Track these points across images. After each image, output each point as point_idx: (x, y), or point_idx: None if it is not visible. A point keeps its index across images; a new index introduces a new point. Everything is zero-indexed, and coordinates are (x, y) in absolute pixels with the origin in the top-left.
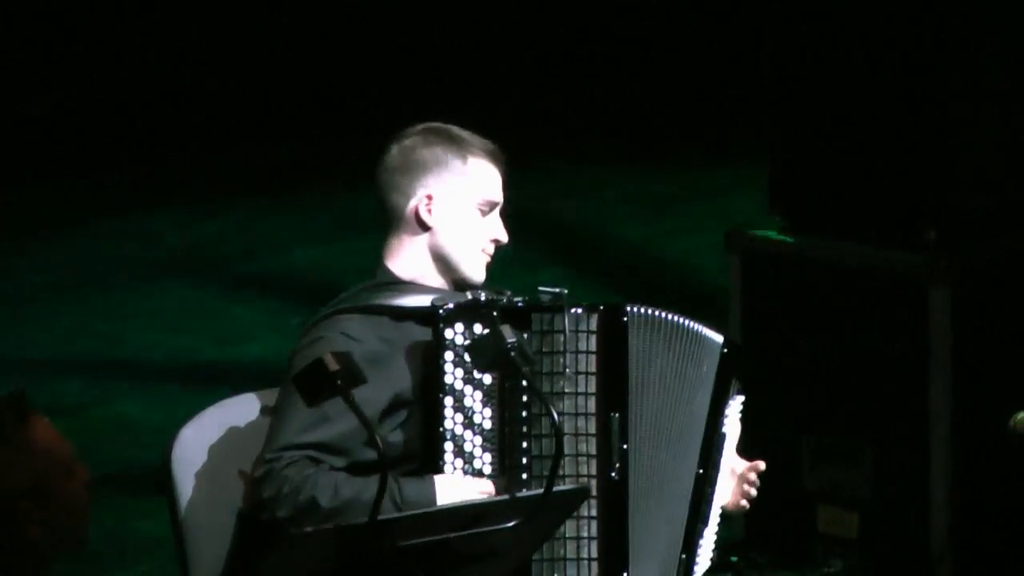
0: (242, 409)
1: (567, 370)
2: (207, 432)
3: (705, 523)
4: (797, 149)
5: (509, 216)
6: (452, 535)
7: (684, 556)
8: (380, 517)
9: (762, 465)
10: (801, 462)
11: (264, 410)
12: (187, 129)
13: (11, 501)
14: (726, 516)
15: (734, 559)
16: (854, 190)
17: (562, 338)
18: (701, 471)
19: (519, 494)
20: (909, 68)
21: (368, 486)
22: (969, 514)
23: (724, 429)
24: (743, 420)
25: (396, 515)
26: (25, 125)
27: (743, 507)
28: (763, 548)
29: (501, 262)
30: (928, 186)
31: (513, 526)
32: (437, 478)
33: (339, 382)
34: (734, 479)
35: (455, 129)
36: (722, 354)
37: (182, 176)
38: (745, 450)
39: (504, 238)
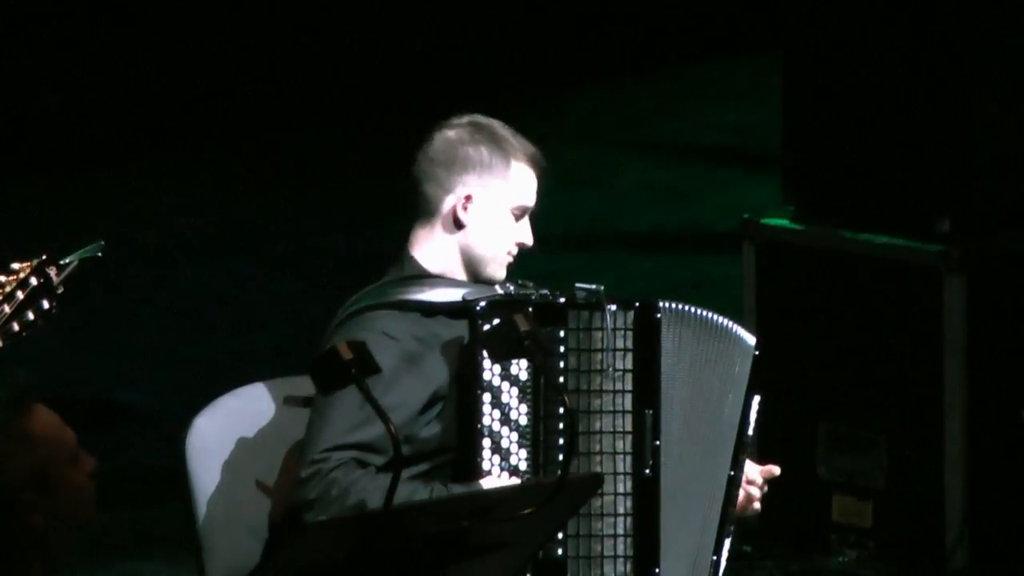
0: (257, 397)
1: (609, 368)
2: (222, 421)
3: (732, 524)
4: (811, 138)
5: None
6: (467, 523)
7: (715, 558)
8: (395, 505)
9: (776, 470)
10: (815, 451)
11: (279, 398)
12: (202, 117)
13: (13, 492)
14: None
15: (748, 548)
16: (869, 179)
17: (600, 335)
18: (732, 473)
19: (533, 481)
20: (925, 57)
21: (417, 490)
22: (983, 504)
23: (750, 431)
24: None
25: (411, 503)
26: (42, 114)
27: (755, 510)
28: (777, 537)
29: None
30: (943, 175)
31: (528, 513)
32: (484, 480)
33: (353, 371)
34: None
35: (500, 128)
36: (754, 356)
37: (197, 164)
38: (759, 440)
39: (530, 241)
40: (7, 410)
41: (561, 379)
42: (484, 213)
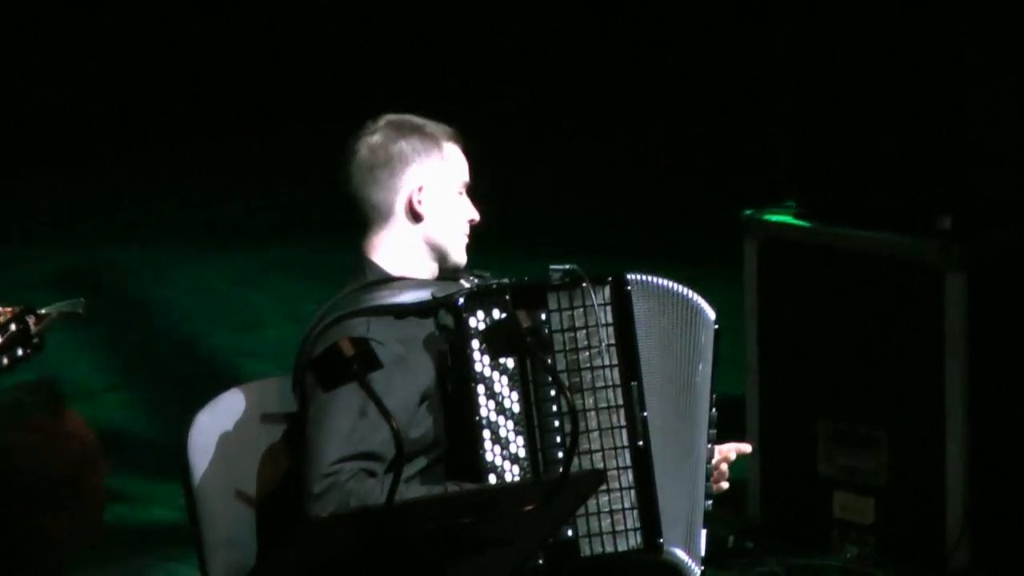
0: (257, 394)
1: (602, 344)
2: (223, 417)
3: (711, 498)
4: (813, 135)
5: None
6: (469, 520)
7: (704, 530)
8: (396, 502)
9: (747, 448)
10: (817, 448)
11: (281, 396)
12: (208, 114)
13: (43, 492)
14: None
15: (750, 545)
16: (870, 176)
17: (582, 312)
18: (710, 445)
19: (536, 479)
20: (927, 54)
21: (431, 492)
22: (984, 500)
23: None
24: (759, 406)
25: (414, 499)
26: (45, 109)
27: (721, 488)
28: (779, 534)
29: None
30: (944, 173)
31: (531, 510)
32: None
33: (355, 367)
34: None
35: (415, 118)
36: (715, 330)
37: (200, 162)
38: (761, 435)
39: (477, 217)
40: (44, 410)
41: (548, 360)
42: (437, 198)
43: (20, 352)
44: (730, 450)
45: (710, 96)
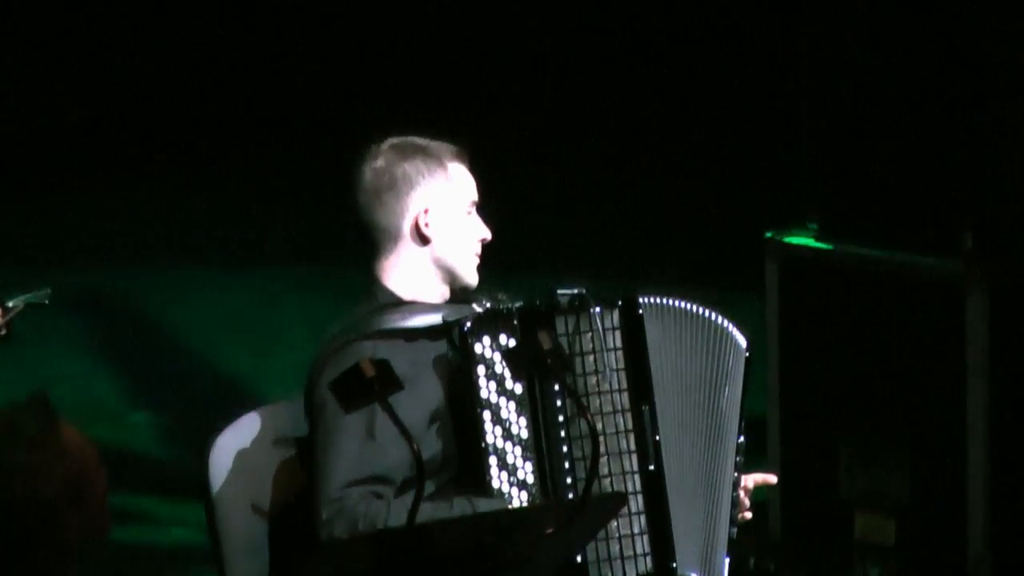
0: (279, 416)
1: (607, 369)
2: (244, 438)
3: (736, 526)
4: (834, 155)
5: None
6: (490, 541)
7: (727, 558)
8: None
9: (772, 479)
10: (838, 469)
11: (300, 418)
12: (227, 130)
13: (52, 505)
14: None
15: (772, 567)
16: (891, 196)
17: (590, 337)
18: (736, 474)
19: (558, 501)
20: (946, 74)
21: (439, 507)
22: (1007, 521)
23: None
24: (780, 426)
25: (435, 519)
26: (62, 127)
27: (745, 518)
28: (800, 555)
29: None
30: (965, 192)
31: (551, 532)
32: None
33: (376, 388)
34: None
35: (418, 139)
36: (746, 357)
37: (221, 180)
38: (782, 456)
39: (488, 235)
40: (41, 426)
41: (557, 388)
42: (444, 220)
43: None
44: (748, 479)
45: (730, 115)
